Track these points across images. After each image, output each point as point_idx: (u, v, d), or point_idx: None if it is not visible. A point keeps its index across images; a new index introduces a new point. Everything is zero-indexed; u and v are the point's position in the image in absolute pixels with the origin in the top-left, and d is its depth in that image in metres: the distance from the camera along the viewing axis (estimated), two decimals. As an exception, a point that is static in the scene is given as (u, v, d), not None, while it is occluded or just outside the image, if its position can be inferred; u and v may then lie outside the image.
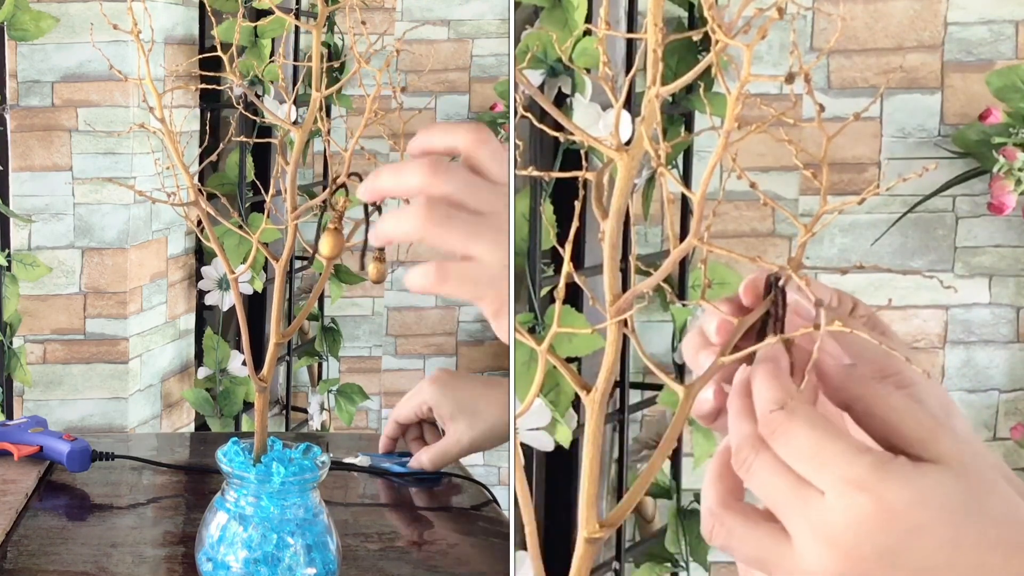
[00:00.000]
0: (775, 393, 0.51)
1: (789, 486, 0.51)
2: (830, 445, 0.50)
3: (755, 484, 0.52)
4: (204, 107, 2.06)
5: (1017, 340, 1.99)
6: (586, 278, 0.55)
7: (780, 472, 0.51)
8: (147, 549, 1.05)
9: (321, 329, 2.43)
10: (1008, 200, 1.83)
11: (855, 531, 0.49)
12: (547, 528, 1.69)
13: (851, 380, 0.52)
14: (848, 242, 1.97)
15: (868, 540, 0.49)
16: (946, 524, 0.48)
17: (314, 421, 2.40)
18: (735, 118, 0.46)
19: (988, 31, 1.95)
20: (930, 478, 0.49)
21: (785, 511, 0.51)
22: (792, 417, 0.51)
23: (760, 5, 0.47)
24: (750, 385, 0.53)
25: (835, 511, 0.49)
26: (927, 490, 0.49)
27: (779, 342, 0.52)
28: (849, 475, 0.49)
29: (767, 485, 0.51)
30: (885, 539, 0.49)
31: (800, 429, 0.50)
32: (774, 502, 0.51)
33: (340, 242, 0.81)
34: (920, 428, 0.51)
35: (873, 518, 0.49)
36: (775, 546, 0.51)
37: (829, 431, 0.50)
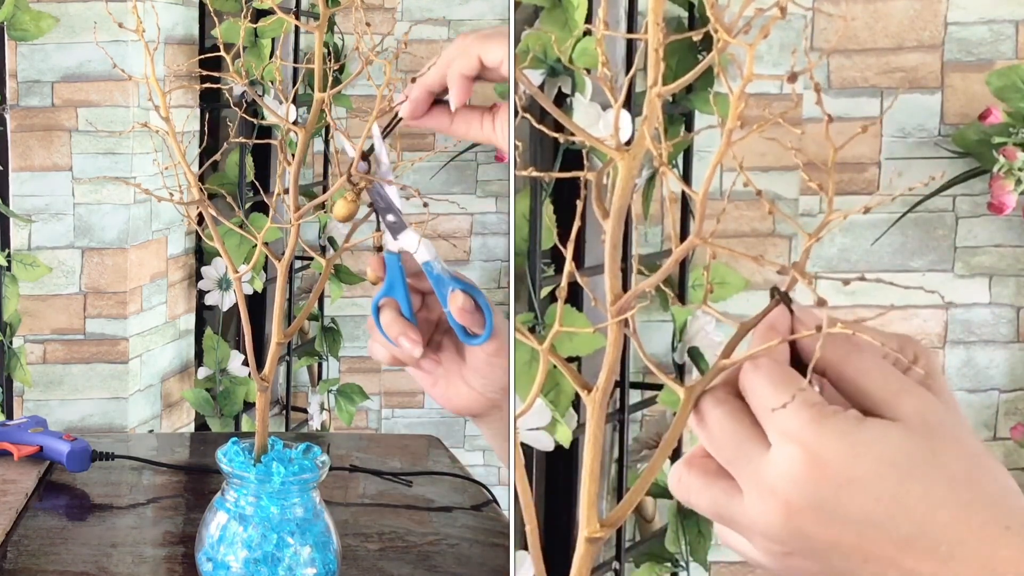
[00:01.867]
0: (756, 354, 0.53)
1: (737, 441, 0.52)
2: (785, 392, 0.51)
3: (705, 439, 0.53)
4: (204, 107, 2.06)
5: (1017, 340, 1.99)
6: (588, 278, 0.55)
7: (729, 428, 0.52)
8: (147, 549, 1.05)
9: (321, 329, 2.43)
10: (1008, 200, 1.83)
11: (790, 483, 0.50)
12: (547, 528, 1.69)
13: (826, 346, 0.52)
14: (848, 242, 1.97)
15: (803, 492, 0.49)
16: (885, 478, 0.49)
17: (314, 421, 2.40)
18: (738, 117, 0.46)
19: (988, 31, 1.95)
20: (870, 433, 0.49)
21: (733, 465, 0.52)
22: (757, 370, 0.52)
23: (760, 5, 0.47)
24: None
25: (777, 463, 0.50)
26: (864, 444, 0.49)
27: (780, 343, 0.53)
28: (788, 427, 0.50)
29: (715, 441, 0.53)
30: (819, 491, 0.49)
31: (761, 380, 0.52)
32: (723, 457, 0.53)
33: (354, 209, 0.83)
34: (884, 389, 0.51)
35: (806, 470, 0.49)
36: (728, 501, 0.52)
37: (785, 386, 0.51)
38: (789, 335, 0.53)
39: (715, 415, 0.53)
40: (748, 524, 0.52)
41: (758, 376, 0.52)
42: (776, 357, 0.53)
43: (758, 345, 0.53)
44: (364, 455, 1.33)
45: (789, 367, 0.52)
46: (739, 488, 0.52)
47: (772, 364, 0.52)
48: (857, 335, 0.51)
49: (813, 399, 0.50)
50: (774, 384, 0.51)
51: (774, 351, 0.53)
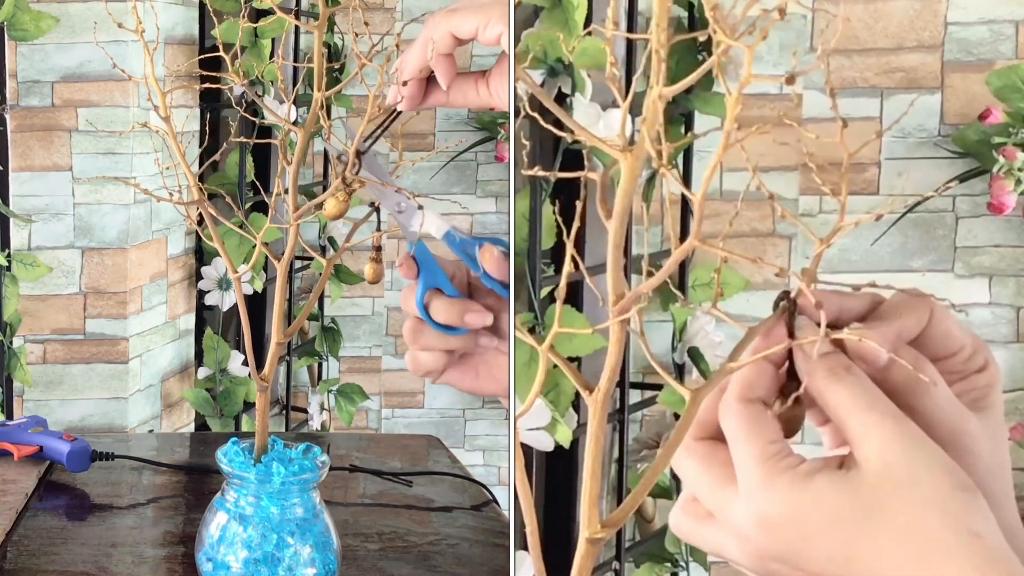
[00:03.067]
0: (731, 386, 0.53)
1: (710, 490, 0.53)
2: (744, 445, 0.51)
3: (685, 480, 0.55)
4: (204, 107, 2.06)
5: (1017, 340, 1.99)
6: (592, 277, 0.55)
7: (698, 474, 0.53)
8: (147, 549, 1.05)
9: (321, 329, 2.43)
10: (1008, 200, 1.83)
11: (755, 531, 0.51)
12: (547, 528, 1.69)
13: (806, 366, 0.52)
14: (848, 242, 1.97)
15: (769, 541, 0.50)
16: (832, 538, 0.49)
17: (314, 421, 2.40)
18: (735, 119, 0.46)
19: (988, 31, 1.95)
20: (816, 491, 0.49)
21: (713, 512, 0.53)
22: (728, 410, 0.53)
23: (761, 6, 0.47)
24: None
25: (740, 508, 0.51)
26: (810, 503, 0.49)
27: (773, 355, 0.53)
28: (744, 480, 0.51)
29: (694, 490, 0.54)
30: (779, 541, 0.50)
31: (729, 423, 0.52)
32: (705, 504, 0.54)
33: (344, 207, 0.83)
34: (856, 426, 0.51)
35: (758, 527, 0.50)
36: (720, 541, 0.53)
37: (749, 430, 0.51)
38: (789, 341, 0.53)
39: (687, 466, 0.54)
40: (734, 560, 0.53)
41: (728, 416, 0.52)
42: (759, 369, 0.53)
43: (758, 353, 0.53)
44: (364, 455, 1.33)
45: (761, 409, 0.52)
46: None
47: (739, 407, 0.52)
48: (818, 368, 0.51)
49: (769, 452, 0.51)
50: (739, 429, 0.52)
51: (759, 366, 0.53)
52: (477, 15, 0.79)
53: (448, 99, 0.85)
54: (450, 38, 0.81)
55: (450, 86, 0.83)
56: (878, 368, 0.53)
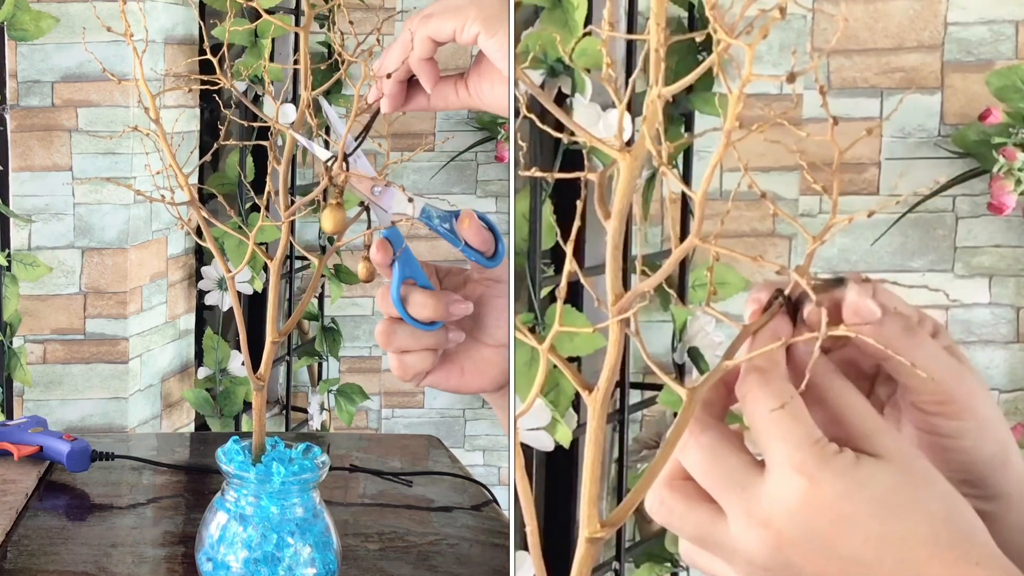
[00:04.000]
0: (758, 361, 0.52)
1: (727, 469, 0.52)
2: (789, 425, 0.51)
3: (691, 465, 0.53)
4: (204, 107, 2.06)
5: (1017, 340, 1.99)
6: (590, 278, 0.55)
7: (719, 454, 0.52)
8: (147, 549, 1.05)
9: (321, 329, 2.43)
10: (1008, 200, 1.83)
11: (788, 514, 0.50)
12: (547, 528, 1.69)
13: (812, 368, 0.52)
14: (848, 242, 1.97)
15: (799, 525, 0.50)
16: (874, 517, 0.49)
17: (314, 421, 2.40)
18: (736, 118, 0.46)
19: (988, 31, 1.95)
20: (864, 471, 0.50)
21: (721, 493, 0.52)
22: (766, 386, 0.52)
23: (761, 5, 0.47)
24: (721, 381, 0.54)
25: (772, 493, 0.50)
26: (859, 482, 0.49)
27: (781, 348, 0.52)
28: (794, 457, 0.50)
29: (702, 467, 0.52)
30: (816, 526, 0.50)
31: (767, 400, 0.51)
32: (710, 483, 0.52)
33: (342, 217, 0.82)
34: (865, 422, 0.51)
35: (806, 503, 0.50)
36: (712, 526, 0.52)
37: (791, 411, 0.51)
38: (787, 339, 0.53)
39: (703, 441, 0.52)
40: (733, 550, 0.52)
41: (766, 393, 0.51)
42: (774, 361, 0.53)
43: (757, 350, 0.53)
44: (364, 455, 1.33)
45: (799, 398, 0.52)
46: (723, 513, 0.52)
47: (783, 384, 0.52)
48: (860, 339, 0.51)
49: (816, 435, 0.51)
50: (780, 402, 0.51)
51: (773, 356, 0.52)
52: (454, 18, 0.79)
53: (429, 103, 0.85)
54: (429, 43, 0.81)
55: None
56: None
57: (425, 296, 0.82)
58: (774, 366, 0.52)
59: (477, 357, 0.85)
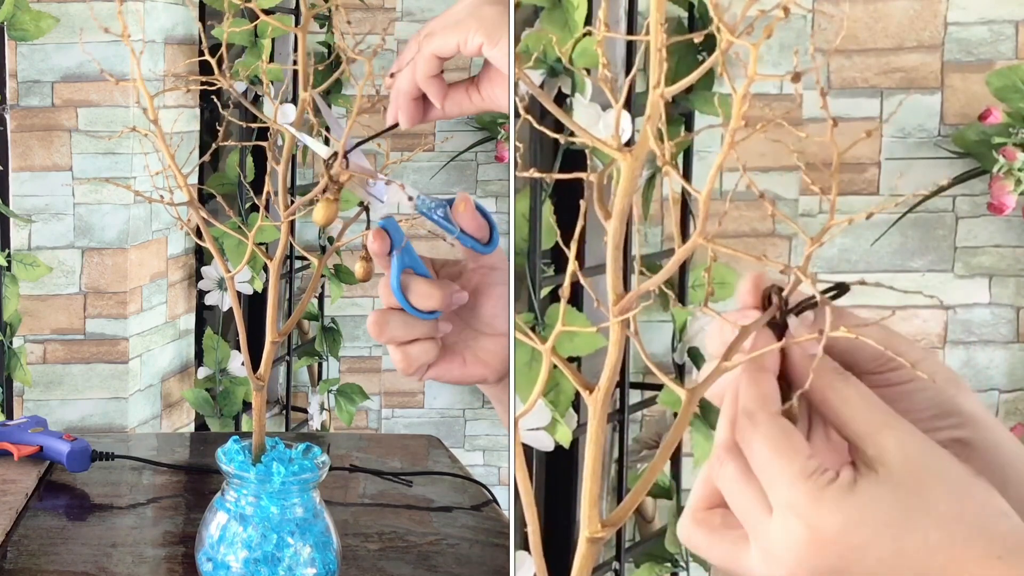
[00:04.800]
0: (745, 401, 0.52)
1: (747, 500, 0.52)
2: (779, 464, 0.51)
3: (723, 492, 0.54)
4: (204, 107, 2.06)
5: (1017, 340, 1.99)
6: (588, 278, 0.55)
7: (741, 484, 0.52)
8: (147, 549, 1.05)
9: (321, 329, 2.43)
10: (1008, 200, 1.83)
11: (793, 554, 0.50)
12: (547, 528, 1.69)
13: (809, 367, 0.52)
14: (848, 242, 1.97)
15: (805, 564, 0.50)
16: (883, 538, 0.49)
17: (314, 421, 2.40)
18: (742, 116, 0.46)
19: (988, 31, 1.95)
20: (863, 496, 0.49)
21: (744, 523, 0.52)
22: (755, 429, 0.52)
23: (761, 6, 0.47)
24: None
25: (776, 532, 0.50)
26: (860, 511, 0.49)
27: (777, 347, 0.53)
28: (789, 499, 0.50)
29: (731, 495, 0.53)
30: (822, 562, 0.50)
31: (759, 443, 0.52)
32: (737, 512, 0.53)
33: (334, 211, 0.82)
34: (867, 422, 0.51)
35: (808, 544, 0.50)
36: (736, 554, 0.53)
37: (783, 449, 0.51)
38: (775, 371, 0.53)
39: (727, 471, 0.53)
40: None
41: (756, 436, 0.52)
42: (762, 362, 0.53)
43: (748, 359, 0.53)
44: (364, 455, 1.33)
45: (786, 424, 0.52)
46: (747, 540, 0.52)
47: (771, 422, 0.52)
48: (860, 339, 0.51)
49: (809, 468, 0.50)
50: (772, 449, 0.51)
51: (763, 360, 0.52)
52: (455, 32, 0.80)
53: (444, 112, 0.85)
54: (434, 60, 0.81)
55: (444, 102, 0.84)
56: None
57: (428, 285, 0.81)
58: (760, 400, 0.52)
59: (477, 347, 0.85)
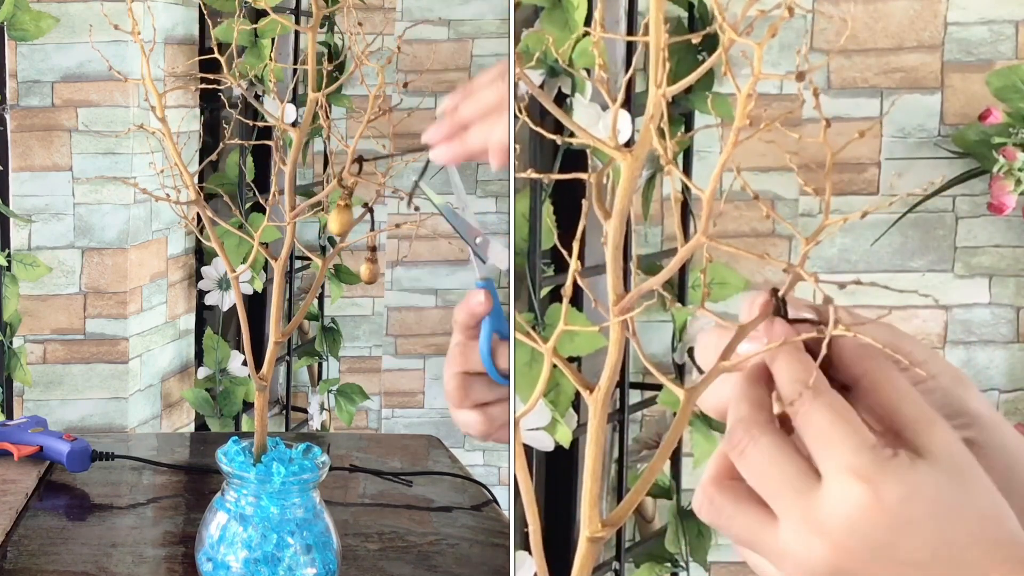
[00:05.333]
0: (799, 373, 0.52)
1: (784, 474, 0.51)
2: (844, 431, 0.50)
3: (747, 468, 0.52)
4: (204, 107, 2.06)
5: (1017, 340, 1.99)
6: (587, 279, 0.55)
7: (776, 459, 0.51)
8: (147, 549, 1.05)
9: (321, 329, 2.43)
10: (1008, 200, 1.83)
11: (848, 522, 0.49)
12: (547, 528, 1.68)
13: (863, 353, 0.52)
14: (848, 242, 1.97)
15: (860, 532, 0.49)
16: (935, 519, 0.49)
17: (314, 421, 2.40)
18: (746, 115, 0.46)
19: (988, 31, 1.95)
20: (922, 474, 0.50)
21: (777, 498, 0.51)
22: (816, 398, 0.51)
23: (762, 6, 0.47)
24: (757, 373, 0.53)
25: (831, 501, 0.50)
26: (919, 486, 0.49)
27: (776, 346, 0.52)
28: (853, 464, 0.50)
29: (760, 472, 0.52)
30: (876, 533, 0.49)
31: (821, 411, 0.51)
32: (766, 488, 0.52)
33: (349, 219, 0.82)
34: (918, 413, 0.51)
35: (867, 510, 0.49)
36: (761, 529, 0.52)
37: (846, 418, 0.51)
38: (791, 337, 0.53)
39: (760, 445, 0.52)
40: (782, 554, 0.51)
41: (818, 404, 0.51)
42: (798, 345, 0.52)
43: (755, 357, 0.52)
44: (364, 455, 1.33)
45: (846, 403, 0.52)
46: (774, 516, 0.52)
47: (832, 393, 0.51)
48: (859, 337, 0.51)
49: (871, 440, 0.50)
50: (837, 416, 0.51)
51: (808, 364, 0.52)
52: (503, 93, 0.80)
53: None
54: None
55: None
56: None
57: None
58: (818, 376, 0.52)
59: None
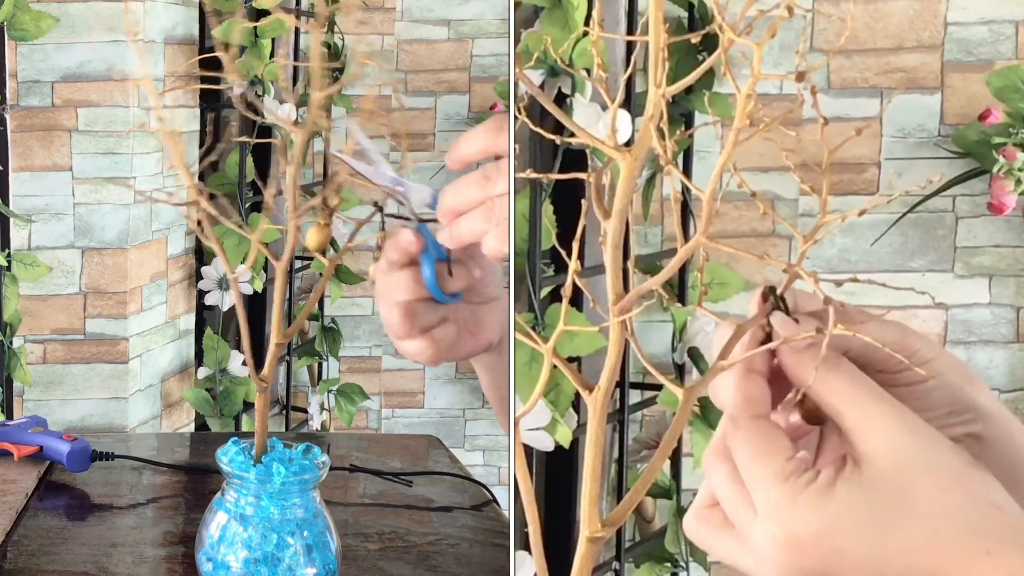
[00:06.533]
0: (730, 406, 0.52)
1: (736, 503, 0.52)
2: (757, 468, 0.51)
3: (716, 495, 0.54)
4: (204, 107, 2.06)
5: (1017, 340, 1.99)
6: (586, 279, 0.55)
7: (731, 488, 0.52)
8: (147, 549, 1.05)
9: (321, 329, 2.43)
10: (1008, 200, 1.83)
11: (773, 558, 0.50)
12: (547, 528, 1.68)
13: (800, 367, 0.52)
14: (848, 242, 1.97)
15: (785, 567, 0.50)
16: (865, 542, 0.49)
17: (314, 421, 2.40)
18: (746, 115, 0.46)
19: (988, 31, 1.95)
20: (841, 496, 0.49)
21: (735, 524, 0.53)
22: (736, 433, 0.52)
23: (761, 6, 0.47)
24: (754, 365, 0.54)
25: (759, 536, 0.51)
26: (837, 515, 0.49)
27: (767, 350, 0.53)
28: (766, 504, 0.50)
29: (722, 498, 0.53)
30: (803, 564, 0.50)
31: (740, 446, 0.52)
32: (729, 514, 0.53)
33: (326, 236, 0.84)
34: (857, 416, 0.51)
35: (785, 548, 0.50)
36: (735, 551, 0.53)
37: (761, 452, 0.51)
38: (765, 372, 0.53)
39: (717, 474, 0.53)
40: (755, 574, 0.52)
41: (738, 440, 0.52)
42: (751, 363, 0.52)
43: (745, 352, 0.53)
44: (364, 455, 1.33)
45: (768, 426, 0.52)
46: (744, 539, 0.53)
47: (751, 425, 0.52)
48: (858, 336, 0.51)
49: (787, 470, 0.50)
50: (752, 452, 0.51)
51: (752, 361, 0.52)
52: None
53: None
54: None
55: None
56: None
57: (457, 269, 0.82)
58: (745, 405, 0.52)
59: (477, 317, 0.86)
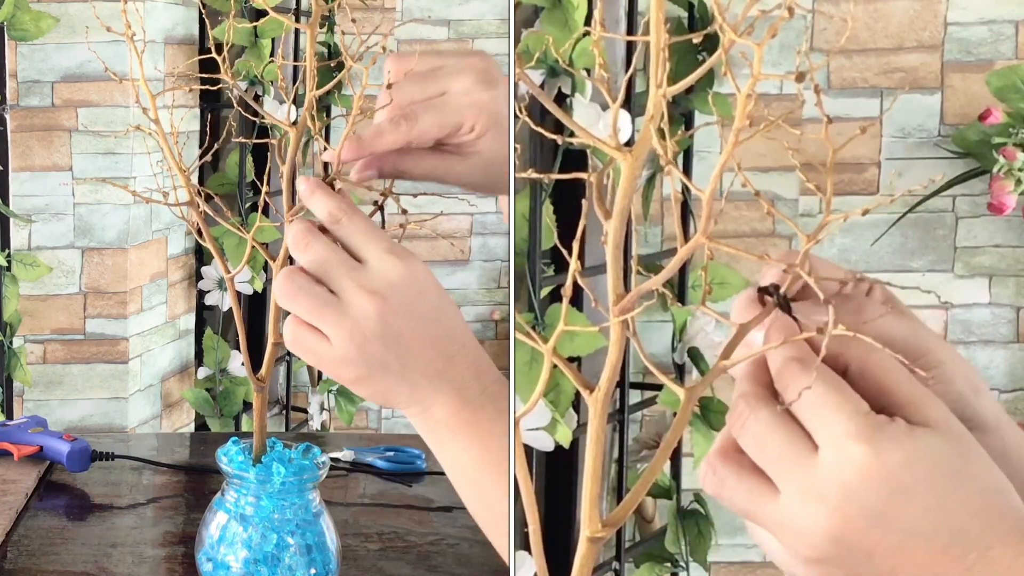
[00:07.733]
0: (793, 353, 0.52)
1: (782, 443, 0.51)
2: (835, 399, 0.50)
3: (747, 441, 0.53)
4: (204, 107, 2.05)
5: (1017, 340, 1.99)
6: (586, 279, 0.55)
7: (774, 429, 0.51)
8: (147, 549, 1.05)
9: (321, 329, 2.43)
10: (1008, 200, 1.83)
11: (846, 488, 0.49)
12: (547, 528, 1.68)
13: (849, 341, 0.52)
14: (848, 242, 1.97)
15: (858, 498, 0.49)
16: (933, 488, 0.49)
17: (314, 421, 2.40)
18: (747, 116, 0.46)
19: (988, 31, 1.95)
20: (922, 441, 0.49)
21: (776, 468, 0.51)
22: (806, 369, 0.51)
23: (762, 6, 0.47)
24: (762, 356, 0.53)
25: (828, 467, 0.50)
26: (918, 452, 0.49)
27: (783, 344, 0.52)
28: (848, 429, 0.49)
29: (759, 442, 0.52)
30: (874, 499, 0.49)
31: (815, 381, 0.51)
32: (766, 459, 0.52)
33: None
34: (912, 391, 0.51)
35: (865, 475, 0.49)
36: (762, 500, 0.52)
37: (837, 388, 0.51)
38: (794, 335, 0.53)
39: (760, 416, 0.52)
40: (782, 525, 0.51)
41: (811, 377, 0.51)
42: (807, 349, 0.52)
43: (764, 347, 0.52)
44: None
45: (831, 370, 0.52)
46: (775, 488, 0.51)
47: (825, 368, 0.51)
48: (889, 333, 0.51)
49: (865, 407, 0.50)
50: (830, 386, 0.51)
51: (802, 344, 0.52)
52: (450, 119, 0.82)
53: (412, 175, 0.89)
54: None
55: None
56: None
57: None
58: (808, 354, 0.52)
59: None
